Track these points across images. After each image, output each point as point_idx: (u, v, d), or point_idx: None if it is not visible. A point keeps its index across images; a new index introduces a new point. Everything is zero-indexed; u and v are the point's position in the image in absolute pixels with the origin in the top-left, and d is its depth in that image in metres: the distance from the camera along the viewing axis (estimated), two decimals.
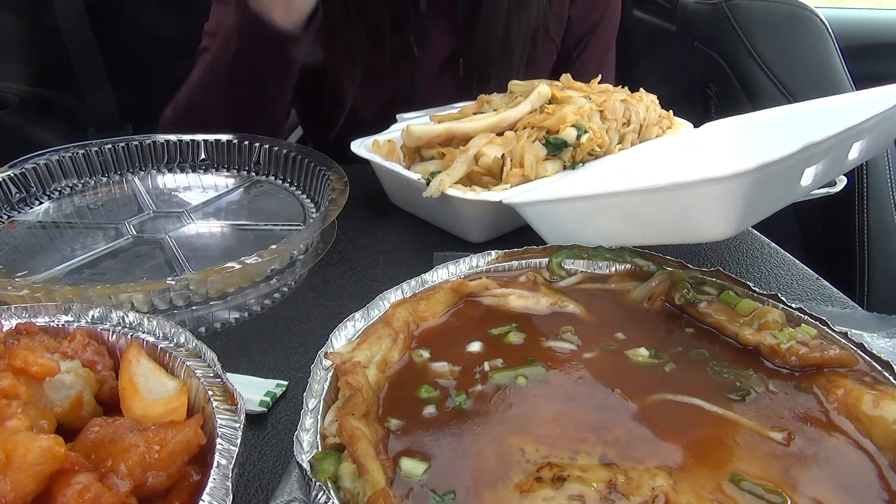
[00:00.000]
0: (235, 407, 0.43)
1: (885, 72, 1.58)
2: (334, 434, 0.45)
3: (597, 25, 1.28)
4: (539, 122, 0.85)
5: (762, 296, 0.59)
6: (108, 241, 0.77)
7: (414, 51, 1.17)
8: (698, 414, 0.49)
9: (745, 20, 1.42)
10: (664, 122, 1.00)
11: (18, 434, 0.37)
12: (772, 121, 0.94)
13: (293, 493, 0.44)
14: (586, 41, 1.28)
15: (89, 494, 0.36)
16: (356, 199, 0.80)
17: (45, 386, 0.43)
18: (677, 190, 0.62)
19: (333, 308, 0.72)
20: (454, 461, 0.45)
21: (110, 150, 0.90)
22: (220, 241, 0.79)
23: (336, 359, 0.51)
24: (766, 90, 1.39)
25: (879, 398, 0.48)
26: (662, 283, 0.63)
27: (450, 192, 0.79)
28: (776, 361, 0.54)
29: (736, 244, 0.87)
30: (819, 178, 0.68)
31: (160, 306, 0.64)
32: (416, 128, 0.86)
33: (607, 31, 1.30)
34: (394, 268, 0.80)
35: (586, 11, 1.25)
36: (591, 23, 1.27)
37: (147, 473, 0.38)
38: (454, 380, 0.53)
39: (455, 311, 0.61)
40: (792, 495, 0.42)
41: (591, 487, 0.42)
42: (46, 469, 0.36)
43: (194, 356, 0.48)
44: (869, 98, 0.82)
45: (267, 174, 0.92)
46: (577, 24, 1.26)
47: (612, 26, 1.31)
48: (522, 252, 0.68)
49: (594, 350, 0.56)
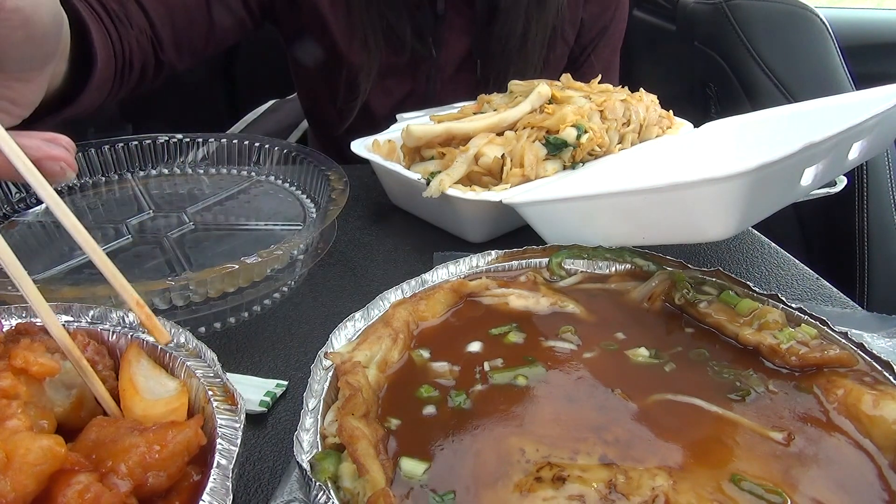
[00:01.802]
0: (235, 407, 0.43)
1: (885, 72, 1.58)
2: (334, 434, 0.45)
3: (606, 28, 1.28)
4: (539, 122, 0.85)
5: (762, 296, 0.60)
6: (108, 241, 0.77)
7: (432, 52, 1.17)
8: (698, 414, 0.49)
9: (745, 20, 1.43)
10: (664, 122, 1.00)
11: (19, 434, 0.36)
12: (772, 121, 0.94)
13: (293, 493, 0.44)
14: (595, 44, 1.28)
15: (89, 494, 0.36)
16: (356, 199, 0.80)
17: (45, 386, 0.43)
18: (677, 190, 0.62)
19: (333, 308, 0.72)
20: (454, 461, 0.45)
21: (110, 150, 0.90)
22: (219, 241, 0.79)
23: (336, 359, 0.51)
24: (766, 90, 1.40)
25: (879, 398, 0.48)
26: (662, 283, 0.63)
27: (450, 192, 0.79)
28: (776, 361, 0.54)
29: (736, 244, 0.87)
30: (819, 178, 0.68)
31: (160, 306, 0.64)
32: (416, 128, 0.86)
33: (615, 35, 1.30)
34: (394, 268, 0.80)
35: (598, 14, 1.26)
36: (601, 25, 1.27)
37: (147, 474, 0.38)
38: (454, 380, 0.53)
39: (455, 311, 0.61)
40: (792, 495, 0.42)
41: (591, 487, 0.42)
42: (47, 469, 0.36)
43: (194, 356, 0.48)
44: (869, 98, 0.82)
45: (267, 174, 0.92)
46: (588, 26, 1.26)
47: (620, 29, 1.31)
48: (522, 252, 0.68)
49: (594, 350, 0.56)
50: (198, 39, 1.07)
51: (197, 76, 1.32)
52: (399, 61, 1.17)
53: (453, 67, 1.21)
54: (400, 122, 1.02)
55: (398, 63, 1.17)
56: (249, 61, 2.02)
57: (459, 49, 1.19)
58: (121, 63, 0.91)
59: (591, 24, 1.26)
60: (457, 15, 1.16)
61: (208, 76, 2.05)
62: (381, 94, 1.20)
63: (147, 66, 1.00)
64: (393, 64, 1.17)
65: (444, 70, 1.20)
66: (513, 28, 1.14)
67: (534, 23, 1.14)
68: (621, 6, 1.29)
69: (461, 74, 1.21)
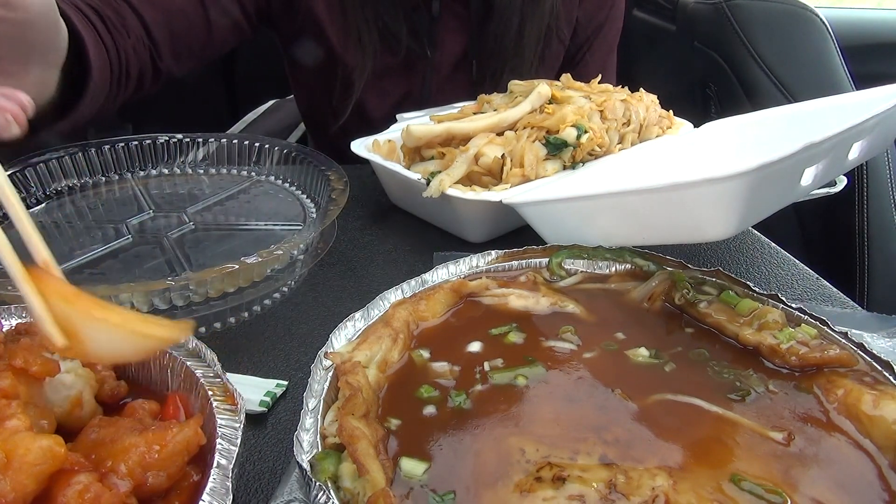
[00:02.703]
0: (235, 407, 0.43)
1: (885, 72, 1.58)
2: (334, 434, 0.45)
3: (601, 27, 1.28)
4: (539, 122, 0.85)
5: (762, 296, 0.59)
6: (108, 241, 0.77)
7: (427, 52, 1.17)
8: (698, 414, 0.49)
9: (745, 20, 1.42)
10: (664, 122, 1.00)
11: (18, 434, 0.36)
12: (772, 121, 0.94)
13: (293, 493, 0.44)
14: (590, 43, 1.28)
15: (89, 494, 0.36)
16: (356, 199, 0.80)
17: (45, 386, 0.43)
18: (677, 190, 0.62)
19: (333, 308, 0.72)
20: (454, 461, 0.45)
21: (110, 150, 0.90)
22: (219, 241, 0.79)
23: (336, 359, 0.51)
24: (766, 90, 1.39)
25: (879, 398, 0.48)
26: (662, 283, 0.63)
27: (450, 192, 0.79)
28: (776, 361, 0.54)
29: (736, 244, 0.87)
30: (819, 178, 0.68)
31: (160, 306, 0.64)
32: (416, 128, 0.86)
33: (610, 34, 1.30)
34: (394, 268, 0.80)
35: (593, 12, 1.26)
36: (596, 24, 1.27)
37: (147, 473, 0.38)
38: (454, 380, 0.53)
39: (455, 311, 0.61)
40: (792, 495, 0.42)
41: (591, 487, 0.42)
42: (46, 469, 0.36)
43: (194, 356, 0.48)
44: (869, 98, 0.82)
45: (267, 174, 0.92)
46: (584, 24, 1.26)
47: (616, 28, 1.31)
48: (522, 252, 0.68)
49: (594, 350, 0.56)
50: (195, 46, 1.07)
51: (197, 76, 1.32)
52: (394, 62, 1.17)
53: (449, 68, 1.21)
54: (400, 122, 1.02)
55: (393, 64, 1.17)
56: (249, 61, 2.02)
57: (455, 49, 1.19)
58: (117, 72, 0.91)
59: (586, 22, 1.26)
60: (452, 15, 1.16)
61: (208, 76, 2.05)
62: (376, 95, 1.20)
63: (144, 73, 1.00)
64: (388, 65, 1.17)
65: (439, 70, 1.20)
66: (508, 25, 1.14)
67: (529, 19, 1.14)
68: (617, 5, 1.29)
69: (457, 74, 1.21)
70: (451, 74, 1.21)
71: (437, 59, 1.19)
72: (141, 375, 0.50)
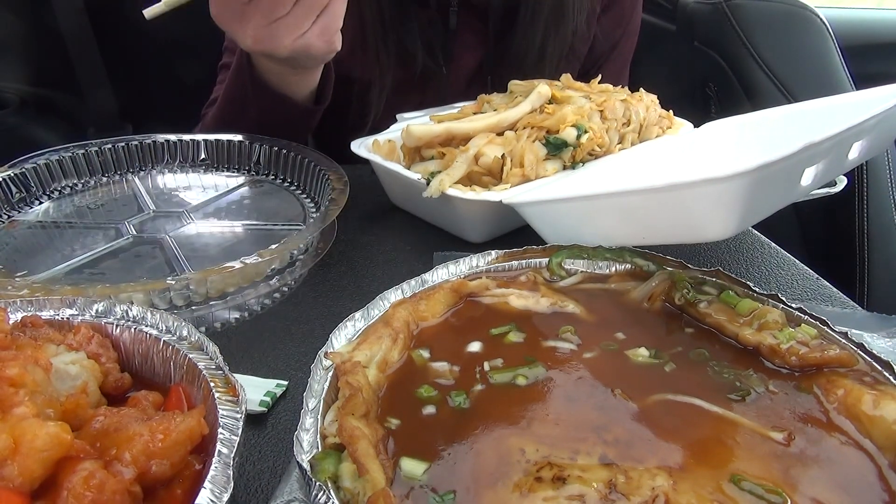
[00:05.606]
0: (237, 398, 0.44)
1: (885, 72, 1.58)
2: (334, 434, 0.45)
3: (617, 44, 1.28)
4: (539, 122, 0.85)
5: (762, 296, 0.59)
6: (108, 241, 0.77)
7: (442, 68, 1.17)
8: (698, 414, 0.49)
9: (745, 20, 1.42)
10: (664, 122, 1.00)
11: (26, 420, 0.37)
12: (772, 121, 0.94)
13: (293, 493, 0.44)
14: (606, 57, 1.28)
15: (94, 481, 0.36)
16: (356, 199, 0.80)
17: (51, 377, 0.43)
18: (677, 190, 0.62)
19: (333, 308, 0.72)
20: (454, 461, 0.45)
21: (110, 150, 0.90)
22: (220, 241, 0.79)
23: (336, 359, 0.51)
24: (766, 90, 1.39)
25: (879, 398, 0.48)
26: (662, 283, 0.63)
27: (450, 192, 0.79)
28: (776, 361, 0.54)
29: (736, 244, 0.87)
30: (819, 178, 0.68)
31: (160, 306, 0.64)
32: (416, 128, 0.86)
33: (626, 48, 1.30)
34: (394, 268, 0.80)
35: (610, 29, 1.25)
36: (613, 41, 1.27)
37: (151, 462, 0.39)
38: (454, 380, 0.53)
39: (455, 311, 0.61)
40: (792, 495, 0.42)
41: (591, 487, 0.42)
42: (53, 455, 0.36)
43: (197, 349, 0.49)
44: (869, 98, 0.82)
45: (267, 174, 0.92)
46: (600, 40, 1.26)
47: (631, 43, 1.31)
48: (522, 252, 0.68)
49: (594, 350, 0.56)
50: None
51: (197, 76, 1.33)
52: (409, 76, 1.16)
53: (464, 82, 1.20)
54: (400, 122, 1.02)
55: (408, 78, 1.17)
56: None
57: (470, 64, 1.19)
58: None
59: (603, 38, 1.25)
60: (468, 31, 1.16)
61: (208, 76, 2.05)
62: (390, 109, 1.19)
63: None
64: (403, 79, 1.16)
65: (454, 85, 1.20)
66: (531, 43, 1.13)
67: (552, 38, 1.14)
68: (634, 20, 1.28)
69: (471, 89, 1.20)
70: (466, 89, 1.20)
71: (452, 74, 1.19)
72: (144, 368, 0.51)
